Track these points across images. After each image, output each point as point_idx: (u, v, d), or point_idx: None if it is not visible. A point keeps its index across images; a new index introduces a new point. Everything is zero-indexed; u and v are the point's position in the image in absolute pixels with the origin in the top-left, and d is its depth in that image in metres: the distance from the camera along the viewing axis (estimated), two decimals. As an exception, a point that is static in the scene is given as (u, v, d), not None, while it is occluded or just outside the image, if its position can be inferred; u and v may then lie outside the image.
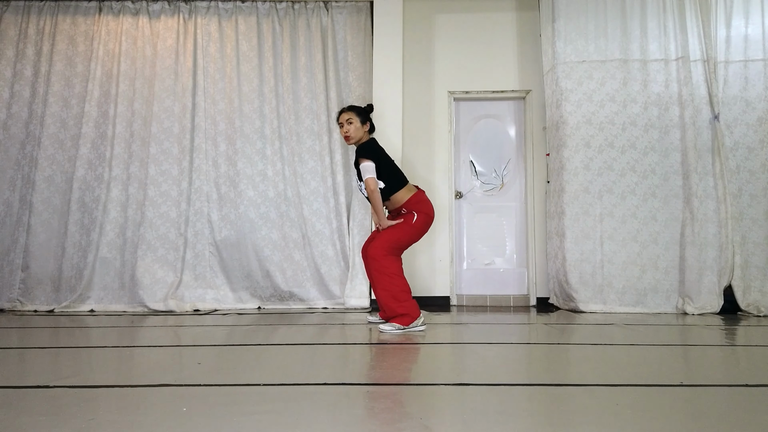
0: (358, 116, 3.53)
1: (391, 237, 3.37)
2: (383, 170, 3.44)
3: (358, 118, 3.52)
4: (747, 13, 4.66)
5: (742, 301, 4.36)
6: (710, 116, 4.55)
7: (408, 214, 3.43)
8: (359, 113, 3.54)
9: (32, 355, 2.51)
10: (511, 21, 5.25)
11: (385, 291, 3.30)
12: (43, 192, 4.83)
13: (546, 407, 1.55)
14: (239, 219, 4.84)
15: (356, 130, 3.51)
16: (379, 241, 3.37)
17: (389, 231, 3.39)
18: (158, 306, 4.55)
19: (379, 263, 3.31)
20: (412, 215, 3.40)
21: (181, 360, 2.35)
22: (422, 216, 3.40)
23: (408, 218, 3.40)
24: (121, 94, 4.94)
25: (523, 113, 5.25)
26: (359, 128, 3.52)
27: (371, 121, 3.62)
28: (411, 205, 3.44)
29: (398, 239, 3.38)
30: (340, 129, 3.58)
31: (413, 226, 3.39)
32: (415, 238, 3.45)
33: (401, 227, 3.40)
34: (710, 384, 1.82)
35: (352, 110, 3.55)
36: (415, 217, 3.39)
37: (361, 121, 3.53)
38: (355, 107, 3.59)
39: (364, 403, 1.55)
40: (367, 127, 3.57)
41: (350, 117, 3.52)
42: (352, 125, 3.50)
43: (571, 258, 4.50)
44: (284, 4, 5.13)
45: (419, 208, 3.42)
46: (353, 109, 3.56)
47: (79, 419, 1.36)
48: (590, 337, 3.02)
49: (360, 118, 3.53)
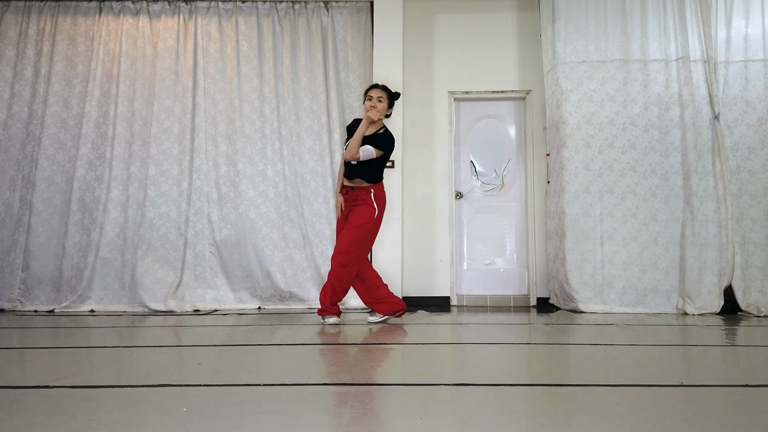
0: (388, 98, 3.67)
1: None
2: (381, 163, 3.61)
3: (387, 100, 3.66)
4: (747, 13, 4.65)
5: (742, 302, 4.35)
6: (710, 116, 4.55)
7: (367, 206, 3.54)
8: (390, 96, 3.68)
9: (32, 355, 2.51)
10: (511, 21, 5.25)
11: None
12: (44, 192, 4.83)
13: (546, 407, 1.55)
14: (239, 219, 4.84)
15: (383, 110, 3.63)
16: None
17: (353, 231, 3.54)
18: (158, 306, 4.54)
19: None
20: (372, 209, 3.54)
21: (182, 360, 2.35)
22: (381, 213, 3.62)
23: (369, 212, 3.53)
24: (121, 94, 4.94)
25: (524, 113, 5.25)
26: (385, 109, 3.65)
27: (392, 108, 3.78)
28: (379, 197, 3.60)
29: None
30: (367, 102, 3.62)
31: (377, 221, 3.59)
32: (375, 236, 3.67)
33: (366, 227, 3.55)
34: (710, 384, 1.82)
35: (385, 90, 3.68)
36: (376, 213, 3.57)
37: (389, 104, 3.67)
38: (387, 89, 3.71)
39: (364, 403, 1.55)
40: (390, 112, 3.73)
41: (382, 96, 3.64)
42: (382, 104, 3.62)
43: (572, 258, 4.49)
44: (284, 5, 5.14)
45: (381, 203, 3.62)
46: (386, 90, 3.69)
47: (79, 419, 1.36)
48: (590, 338, 3.02)
49: (389, 102, 3.67)
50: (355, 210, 3.55)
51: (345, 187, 3.64)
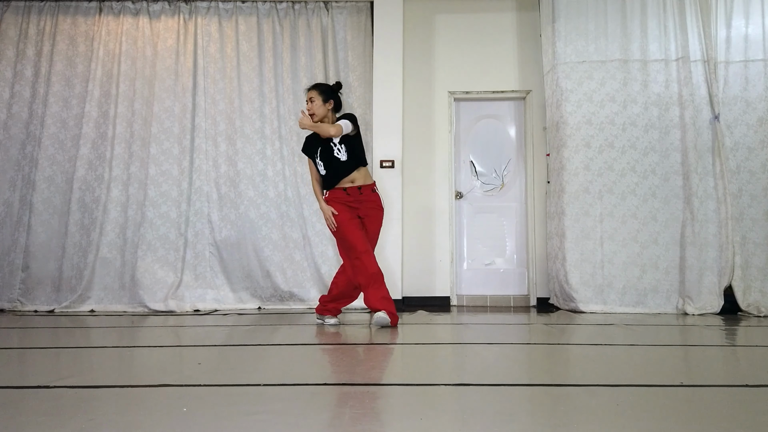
0: (321, 94, 3.48)
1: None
2: (358, 143, 3.50)
3: (321, 96, 3.48)
4: (747, 13, 4.65)
5: (742, 302, 4.35)
6: (710, 116, 4.55)
7: (381, 211, 3.54)
8: (322, 91, 3.50)
9: (32, 355, 2.51)
10: (511, 21, 5.25)
11: None
12: (44, 192, 4.83)
13: (546, 407, 1.55)
14: (239, 219, 4.84)
15: (318, 107, 3.46)
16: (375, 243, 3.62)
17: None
18: (158, 306, 4.55)
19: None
20: (381, 211, 3.54)
21: (182, 360, 2.35)
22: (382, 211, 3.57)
23: (381, 217, 3.55)
24: (121, 94, 4.94)
25: (524, 113, 5.25)
26: (320, 106, 3.47)
27: (338, 99, 3.57)
28: (376, 195, 3.53)
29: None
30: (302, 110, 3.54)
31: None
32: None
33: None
34: (710, 384, 1.82)
35: (315, 88, 3.52)
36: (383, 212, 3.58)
37: (323, 99, 3.48)
38: (320, 85, 3.57)
39: (364, 403, 1.55)
40: (331, 105, 3.52)
41: (312, 95, 3.49)
42: (314, 103, 3.47)
43: (572, 258, 4.49)
44: (284, 5, 5.14)
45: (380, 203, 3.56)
46: (316, 87, 3.53)
47: (79, 419, 1.36)
48: (590, 338, 3.02)
49: (323, 97, 3.48)
50: (374, 216, 3.50)
51: (348, 189, 3.44)
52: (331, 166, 3.45)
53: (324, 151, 3.47)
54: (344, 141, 3.44)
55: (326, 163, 3.46)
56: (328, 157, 3.45)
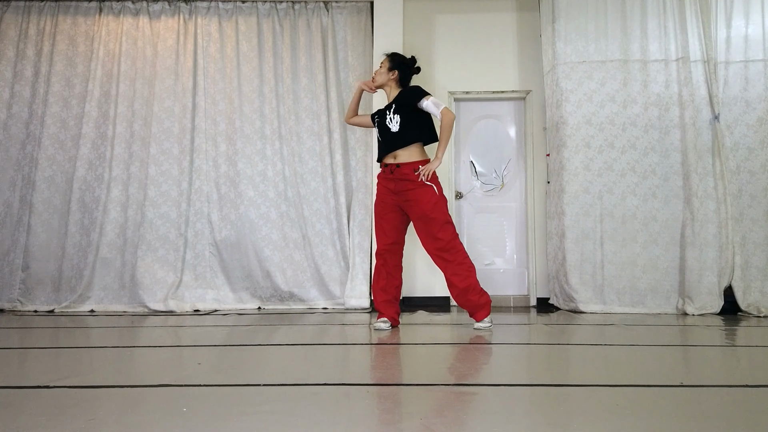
0: (389, 62, 3.37)
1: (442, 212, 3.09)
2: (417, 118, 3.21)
3: (388, 64, 3.36)
4: (747, 13, 4.65)
5: (742, 302, 4.35)
6: (710, 117, 4.55)
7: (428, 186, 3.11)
8: (392, 60, 3.37)
9: (32, 355, 2.51)
10: (511, 21, 5.25)
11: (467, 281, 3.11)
12: (44, 192, 4.83)
13: (546, 407, 1.55)
14: (239, 219, 4.84)
15: (381, 73, 3.37)
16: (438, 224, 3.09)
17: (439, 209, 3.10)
18: (158, 306, 4.55)
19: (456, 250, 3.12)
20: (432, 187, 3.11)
21: (182, 360, 2.35)
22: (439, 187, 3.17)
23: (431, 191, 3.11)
24: (121, 94, 4.95)
25: (524, 113, 5.25)
26: (384, 72, 3.36)
27: (405, 74, 3.38)
28: (416, 175, 3.15)
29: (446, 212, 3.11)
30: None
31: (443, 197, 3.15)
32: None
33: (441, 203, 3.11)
34: (710, 384, 1.82)
35: (388, 55, 3.41)
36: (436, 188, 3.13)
37: (389, 67, 3.35)
38: (395, 54, 3.43)
39: (364, 404, 1.55)
40: (395, 75, 3.35)
41: (383, 61, 3.40)
42: (381, 68, 3.38)
43: (572, 258, 4.49)
44: (284, 5, 5.14)
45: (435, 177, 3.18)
46: (390, 55, 3.41)
47: (79, 419, 1.36)
48: (590, 338, 3.02)
49: (389, 65, 3.35)
50: (413, 199, 3.12)
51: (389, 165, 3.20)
52: (382, 136, 3.27)
53: (380, 117, 3.30)
54: (399, 111, 3.21)
55: (380, 130, 3.28)
56: (382, 124, 3.27)
